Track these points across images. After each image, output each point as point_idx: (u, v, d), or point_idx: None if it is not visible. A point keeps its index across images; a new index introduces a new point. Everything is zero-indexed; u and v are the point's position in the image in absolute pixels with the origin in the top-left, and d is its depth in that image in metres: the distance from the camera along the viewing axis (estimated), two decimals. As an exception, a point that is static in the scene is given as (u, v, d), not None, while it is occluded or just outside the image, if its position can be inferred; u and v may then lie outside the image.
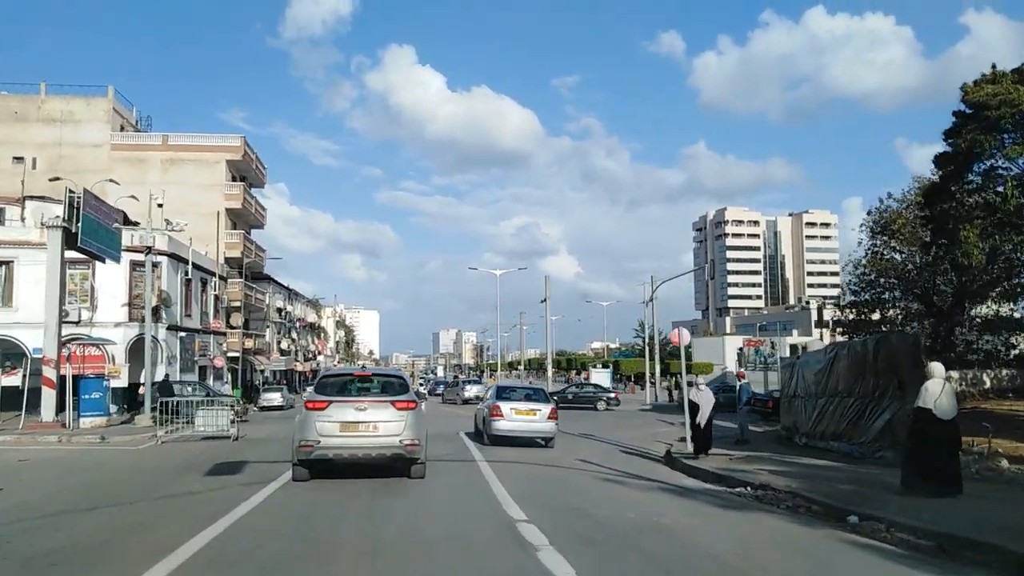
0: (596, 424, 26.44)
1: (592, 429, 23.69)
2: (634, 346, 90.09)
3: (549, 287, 46.81)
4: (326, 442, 10.37)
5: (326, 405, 10.58)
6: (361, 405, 10.62)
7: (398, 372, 13.61)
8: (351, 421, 10.45)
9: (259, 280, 56.44)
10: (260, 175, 53.17)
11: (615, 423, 27.63)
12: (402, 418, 10.62)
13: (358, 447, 10.44)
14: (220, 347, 43.87)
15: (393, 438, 10.48)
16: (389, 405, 10.71)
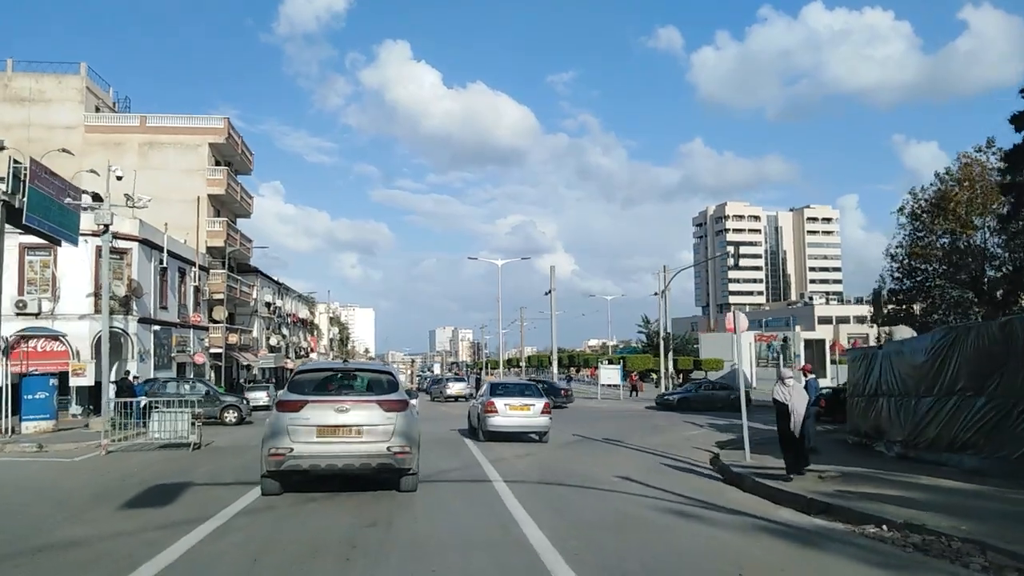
0: (617, 426, 23.37)
1: (614, 432, 20.65)
2: (638, 341, 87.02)
3: (554, 278, 43.78)
4: (300, 450, 8.89)
5: (300, 406, 9.10)
6: (342, 405, 9.12)
7: (386, 367, 12.02)
8: (330, 425, 9.00)
9: (246, 273, 53.31)
10: (246, 161, 49.98)
11: (637, 425, 24.57)
12: (390, 420, 9.20)
13: (338, 455, 8.95)
14: (202, 342, 40.73)
15: (380, 444, 9.08)
16: (375, 405, 9.25)
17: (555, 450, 16.16)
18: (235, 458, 13.83)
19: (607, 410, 34.64)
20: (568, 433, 20.33)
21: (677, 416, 29.08)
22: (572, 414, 30.42)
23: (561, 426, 21.69)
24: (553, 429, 18.49)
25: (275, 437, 9.01)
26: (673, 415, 30.03)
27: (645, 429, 22.50)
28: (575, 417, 28.30)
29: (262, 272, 58.69)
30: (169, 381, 27.29)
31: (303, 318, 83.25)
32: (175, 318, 36.51)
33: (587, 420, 26.73)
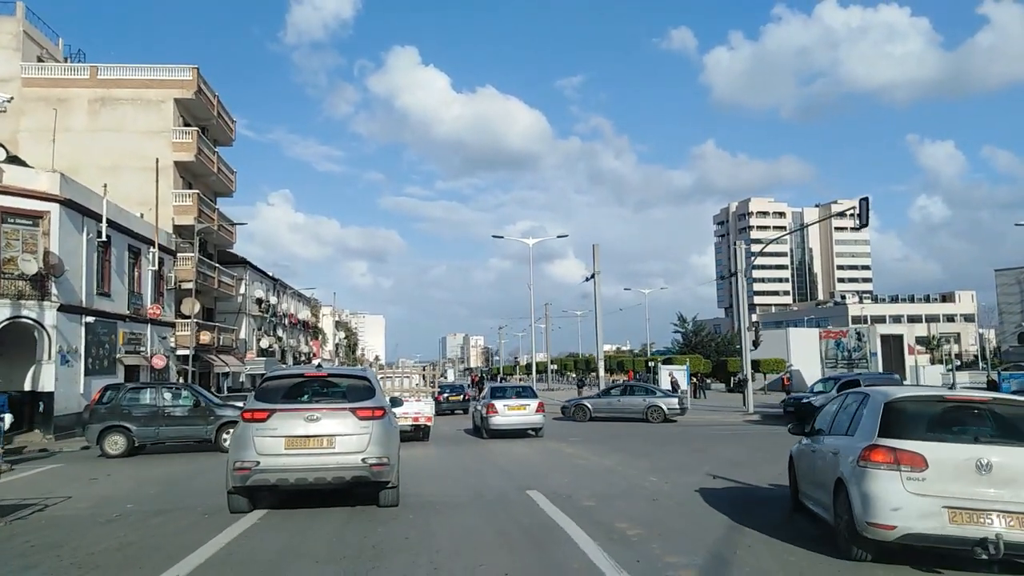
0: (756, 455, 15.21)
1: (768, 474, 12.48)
2: (674, 342, 78.76)
3: (598, 257, 35.64)
4: (268, 463, 8.28)
5: (267, 415, 8.46)
6: (313, 414, 8.48)
7: (362, 371, 10.34)
8: (300, 435, 8.38)
9: (233, 264, 45.59)
10: (226, 128, 42.15)
11: (765, 452, 16.40)
12: (366, 430, 8.52)
13: (308, 468, 8.30)
14: (164, 342, 32.81)
15: (354, 456, 8.41)
16: (349, 414, 8.57)
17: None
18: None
19: (741, 432, 26.22)
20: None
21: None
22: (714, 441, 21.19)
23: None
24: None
25: (240, 449, 8.41)
26: (777, 434, 21.73)
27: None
28: (632, 445, 19.93)
29: (252, 264, 50.92)
30: (143, 389, 19.39)
31: (304, 320, 75.38)
32: (123, 309, 28.62)
33: (665, 446, 18.45)
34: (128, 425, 17.54)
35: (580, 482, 11.14)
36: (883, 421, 6.45)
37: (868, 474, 6.16)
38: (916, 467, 6.00)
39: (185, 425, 17.94)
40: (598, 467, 13.07)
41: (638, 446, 17.54)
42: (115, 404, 17.86)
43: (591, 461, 14.14)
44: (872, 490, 6.08)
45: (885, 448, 6.16)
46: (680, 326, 76.57)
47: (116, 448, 17.42)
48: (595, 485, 10.80)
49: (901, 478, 6.00)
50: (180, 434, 17.99)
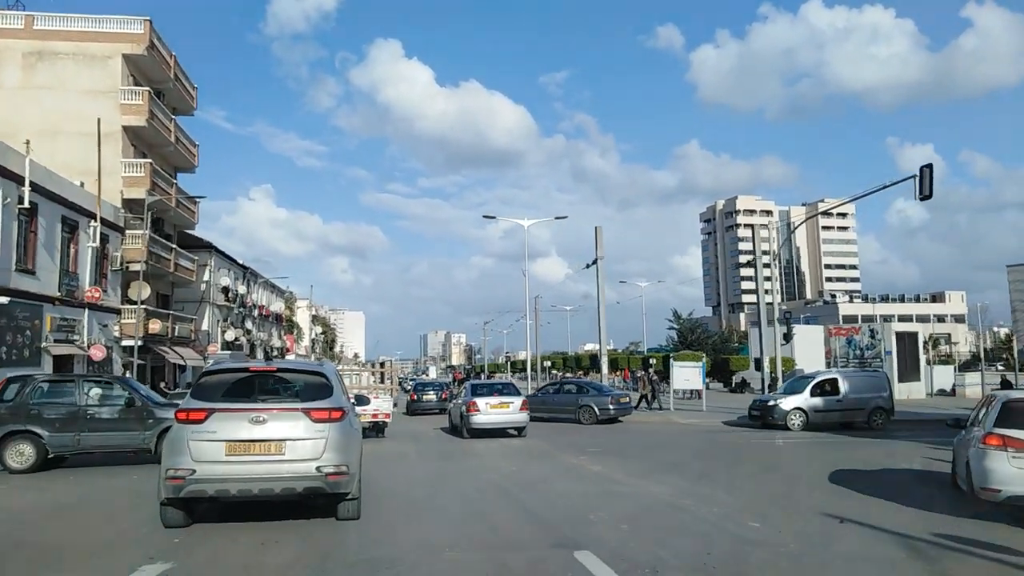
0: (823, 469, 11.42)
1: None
2: (669, 339, 75.37)
3: (601, 241, 31.77)
4: (205, 471, 7.18)
5: (205, 415, 7.37)
6: (259, 415, 7.38)
7: (318, 366, 9.21)
8: (243, 439, 7.29)
9: (196, 248, 41.33)
10: (185, 94, 37.79)
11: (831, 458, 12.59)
12: (321, 433, 7.43)
13: (253, 478, 7.21)
14: (105, 330, 28.60)
15: (307, 463, 7.32)
16: (302, 415, 7.48)
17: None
18: None
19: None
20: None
21: (837, 440, 17.02)
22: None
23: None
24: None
25: (173, 455, 7.32)
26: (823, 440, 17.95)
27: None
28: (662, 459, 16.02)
29: (218, 249, 46.55)
30: (61, 384, 15.01)
31: (277, 313, 70.91)
32: (52, 290, 24.45)
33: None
34: (38, 430, 13.35)
35: (644, 530, 7.37)
36: (999, 415, 8.51)
37: (984, 454, 8.19)
38: (1019, 448, 7.92)
39: (116, 430, 13.74)
40: (651, 499, 9.25)
41: (676, 459, 13.84)
42: (21, 403, 13.68)
43: (634, 487, 10.33)
44: (985, 465, 8.11)
45: (997, 435, 8.19)
46: (675, 323, 73.23)
47: (22, 461, 13.27)
48: (672, 537, 7.01)
49: (1007, 457, 7.96)
50: (108, 442, 13.76)
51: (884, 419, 21.64)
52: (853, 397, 21.84)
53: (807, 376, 24.48)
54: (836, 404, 21.83)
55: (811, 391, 21.93)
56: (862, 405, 21.82)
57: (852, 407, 21.85)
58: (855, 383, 22.24)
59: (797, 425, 21.41)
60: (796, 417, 21.54)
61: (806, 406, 21.68)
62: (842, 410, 21.86)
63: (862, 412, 21.79)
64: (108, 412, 13.83)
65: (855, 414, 21.85)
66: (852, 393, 21.85)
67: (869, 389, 22.11)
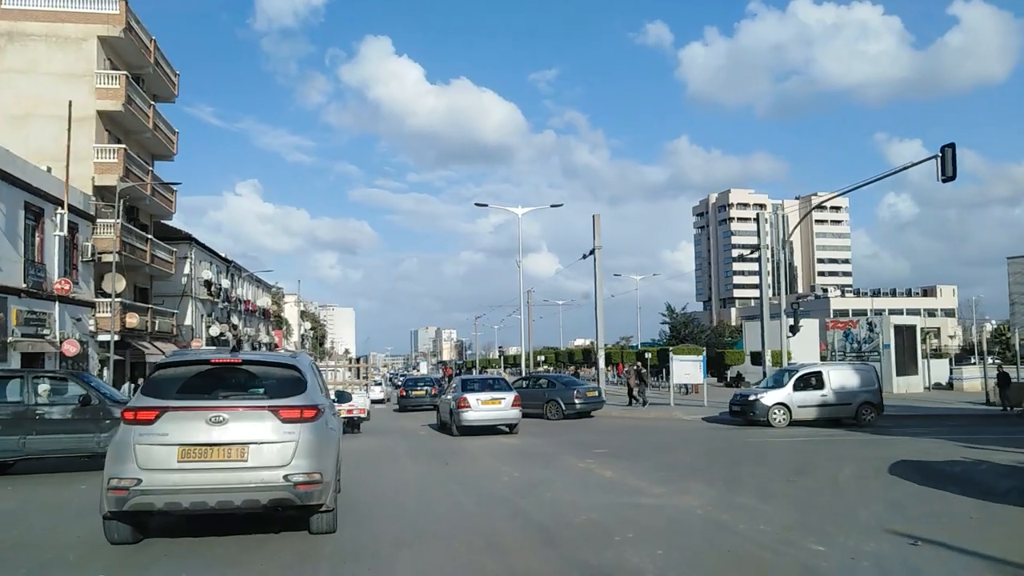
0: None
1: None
2: (662, 334, 74.32)
3: (599, 229, 30.47)
4: (153, 481, 6.12)
5: (155, 415, 6.34)
6: (219, 415, 6.37)
7: (291, 359, 7.51)
8: (200, 443, 6.28)
9: (176, 240, 39.88)
10: (165, 80, 36.22)
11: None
12: (291, 436, 6.43)
13: (210, 488, 6.18)
14: (80, 324, 27.12)
15: (274, 471, 6.31)
16: (269, 415, 6.48)
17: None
18: None
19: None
20: None
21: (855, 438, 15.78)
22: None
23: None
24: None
25: (117, 462, 6.24)
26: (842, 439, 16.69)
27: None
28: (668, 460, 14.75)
29: (198, 241, 45.08)
30: (6, 379, 13.45)
31: (264, 308, 69.38)
32: (17, 281, 22.97)
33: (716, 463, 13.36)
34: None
35: (686, 556, 6.05)
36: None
37: None
38: None
39: (68, 432, 12.28)
40: (682, 513, 7.92)
41: (692, 462, 12.65)
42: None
43: (658, 497, 9.02)
44: None
45: None
46: (669, 317, 72.18)
47: (-41, 466, 11.95)
48: (726, 568, 5.66)
49: None
50: (59, 445, 12.28)
51: (873, 415, 20.51)
52: (840, 391, 20.63)
53: (790, 369, 23.17)
54: (821, 399, 20.62)
55: (794, 385, 20.71)
56: (849, 400, 20.61)
57: (839, 402, 20.62)
58: (842, 377, 21.06)
59: (780, 422, 20.22)
60: (778, 413, 20.33)
61: (789, 401, 20.47)
62: (828, 405, 20.62)
63: (849, 407, 20.57)
64: (60, 412, 12.39)
65: (842, 409, 20.60)
66: (839, 387, 20.67)
67: (857, 383, 20.90)
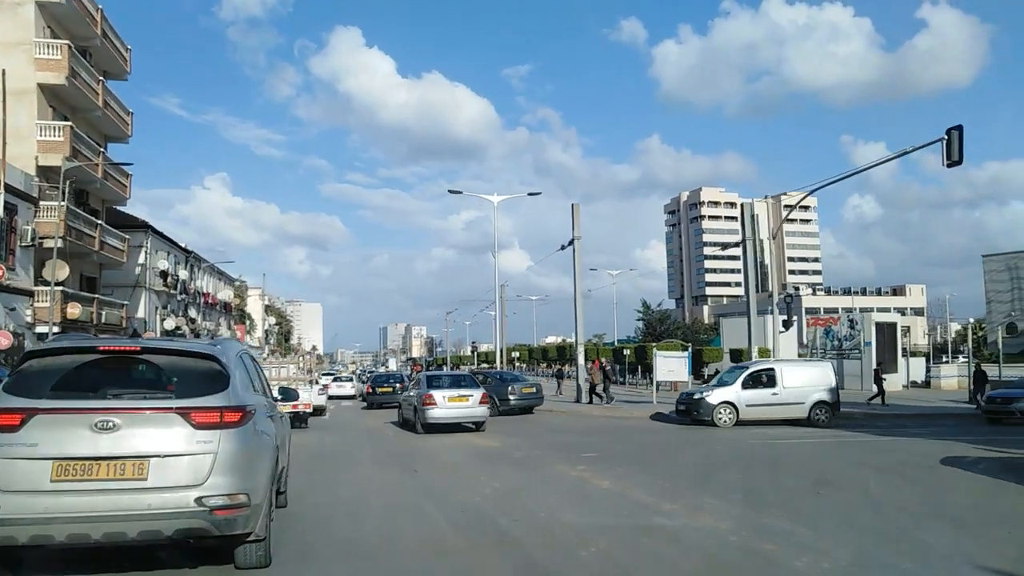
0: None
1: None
2: (637, 331, 73.24)
3: (578, 219, 28.88)
4: (18, 505, 4.64)
5: (20, 419, 4.82)
6: (108, 419, 4.87)
7: (209, 348, 5.77)
8: (82, 457, 4.81)
9: (130, 228, 37.60)
10: (116, 55, 33.85)
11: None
12: (207, 446, 4.96)
13: (95, 517, 4.71)
14: (15, 313, 24.94)
15: (182, 492, 4.85)
16: (176, 419, 5.00)
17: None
18: None
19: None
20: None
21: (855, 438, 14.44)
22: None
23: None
24: None
25: None
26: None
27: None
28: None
29: (155, 229, 42.76)
30: None
31: (225, 301, 66.82)
32: (-60, 265, 20.71)
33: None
34: None
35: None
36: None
37: None
38: None
39: None
40: (714, 542, 6.25)
41: (694, 468, 11.17)
42: None
43: (673, 517, 7.36)
44: None
45: None
46: (644, 313, 71.10)
47: None
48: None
49: None
50: None
51: (828, 414, 19.28)
52: (792, 390, 19.39)
53: (741, 366, 22.03)
54: (772, 398, 19.36)
55: (743, 383, 19.48)
56: (802, 399, 19.35)
57: (790, 401, 19.36)
58: (795, 375, 19.86)
59: (725, 422, 18.97)
60: (724, 412, 19.08)
61: (736, 400, 19.22)
62: (779, 404, 19.34)
63: (802, 407, 19.31)
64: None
65: (794, 409, 19.34)
66: (791, 386, 19.42)
67: (811, 381, 19.71)
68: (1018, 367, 43.49)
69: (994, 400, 21.33)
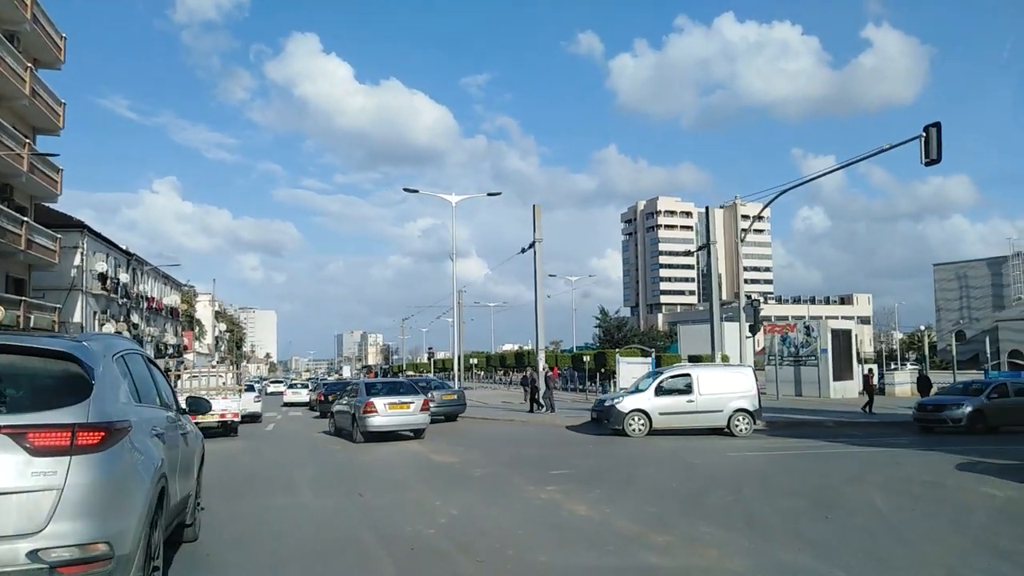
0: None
1: None
2: (595, 337, 72.55)
3: (539, 220, 27.73)
4: None
5: None
6: None
7: (67, 345, 4.31)
8: None
9: (64, 228, 35.50)
10: (48, 42, 31.70)
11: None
12: (49, 478, 3.69)
13: None
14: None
15: (7, 545, 3.57)
16: (7, 442, 3.70)
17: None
18: None
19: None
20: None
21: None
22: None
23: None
24: None
25: None
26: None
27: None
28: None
29: (92, 230, 40.49)
30: None
31: (172, 306, 64.13)
32: None
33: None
34: None
35: None
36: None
37: None
38: None
39: None
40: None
41: (673, 487, 10.03)
42: None
43: (671, 556, 6.17)
44: None
45: None
46: (602, 320, 70.45)
47: None
48: None
49: None
50: None
51: (748, 423, 18.42)
52: (710, 397, 18.46)
53: (656, 372, 21.22)
54: (687, 405, 18.43)
55: (656, 390, 18.59)
56: (720, 407, 18.46)
57: (708, 409, 18.45)
58: (714, 381, 18.88)
59: (637, 431, 18.09)
60: (636, 421, 18.19)
61: (650, 407, 18.32)
62: (695, 412, 18.43)
63: (720, 415, 18.42)
64: None
65: (712, 417, 18.46)
66: (708, 392, 18.49)
67: (730, 388, 18.72)
68: (974, 373, 43.96)
69: (925, 408, 20.51)
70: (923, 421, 19.91)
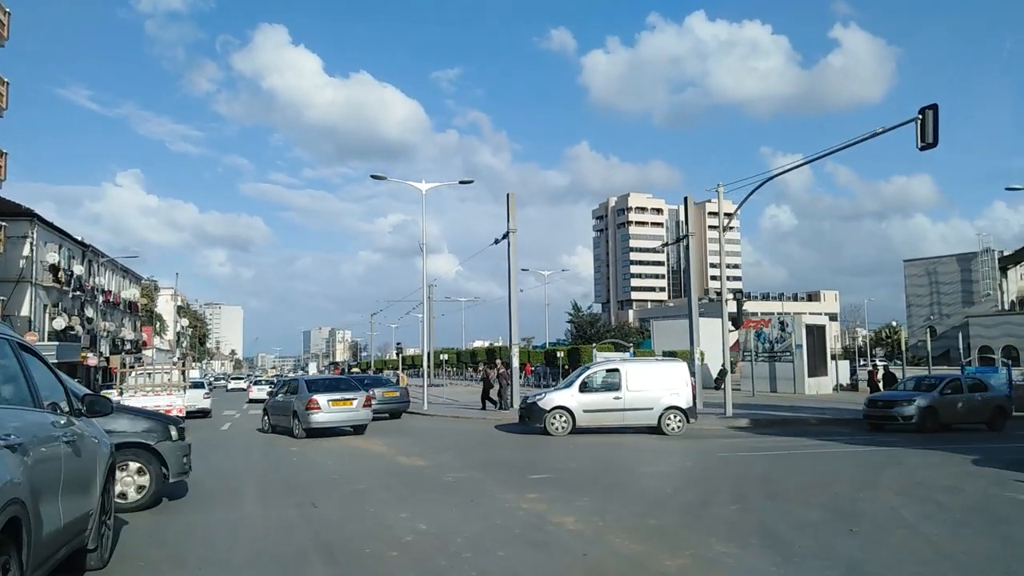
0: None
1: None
2: (567, 333, 71.77)
3: (513, 210, 26.56)
4: None
5: None
6: None
7: None
8: None
9: (12, 217, 33.78)
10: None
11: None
12: None
13: None
14: None
15: None
16: None
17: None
18: None
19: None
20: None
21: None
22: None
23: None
24: None
25: None
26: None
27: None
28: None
29: (42, 218, 38.53)
30: None
31: (130, 300, 61.88)
32: None
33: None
34: None
35: None
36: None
37: None
38: None
39: None
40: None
41: (669, 494, 9.01)
42: None
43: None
44: None
45: None
46: (575, 316, 69.64)
47: None
48: None
49: None
50: None
51: (680, 422, 17.45)
52: (638, 394, 17.51)
53: (583, 367, 20.29)
54: (615, 403, 17.47)
55: (581, 386, 17.70)
56: (650, 404, 17.49)
57: (637, 407, 17.50)
58: (644, 377, 17.92)
59: (559, 429, 17.18)
60: (557, 419, 17.29)
61: (574, 405, 17.44)
62: (622, 410, 17.48)
63: (650, 413, 17.47)
64: None
65: (641, 415, 17.54)
66: (637, 389, 17.54)
67: (662, 384, 17.71)
68: (946, 369, 43.83)
69: (875, 403, 19.61)
70: (873, 418, 18.94)
